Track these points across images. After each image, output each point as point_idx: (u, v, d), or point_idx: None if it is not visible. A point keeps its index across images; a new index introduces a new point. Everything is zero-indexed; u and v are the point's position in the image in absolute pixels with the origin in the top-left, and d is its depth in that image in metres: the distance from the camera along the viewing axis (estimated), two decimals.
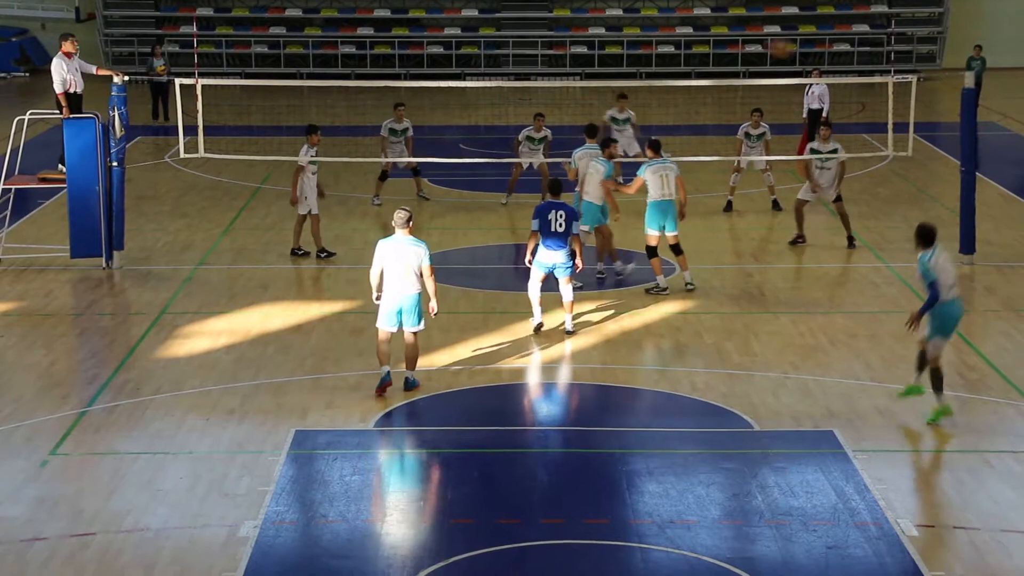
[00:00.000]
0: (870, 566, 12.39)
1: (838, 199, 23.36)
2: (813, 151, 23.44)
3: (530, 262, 18.73)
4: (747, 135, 25.91)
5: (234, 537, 12.89)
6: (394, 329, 16.47)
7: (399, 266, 16.35)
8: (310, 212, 22.66)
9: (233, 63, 45.28)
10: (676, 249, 20.82)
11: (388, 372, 16.48)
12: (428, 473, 14.61)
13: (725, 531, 13.13)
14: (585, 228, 20.58)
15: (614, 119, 27.43)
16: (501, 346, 18.43)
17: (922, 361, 15.80)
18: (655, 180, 20.57)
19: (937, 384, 15.61)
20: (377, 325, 16.50)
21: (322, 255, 22.67)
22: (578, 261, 18.83)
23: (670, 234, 20.66)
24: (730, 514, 13.51)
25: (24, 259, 22.56)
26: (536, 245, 18.66)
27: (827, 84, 30.27)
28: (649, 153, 21.04)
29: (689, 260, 21.82)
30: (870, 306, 20.27)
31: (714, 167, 28.95)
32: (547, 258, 18.67)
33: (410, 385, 16.65)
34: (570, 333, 18.78)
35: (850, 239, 23.30)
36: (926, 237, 15.58)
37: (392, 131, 26.62)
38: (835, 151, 23.43)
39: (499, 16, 46.35)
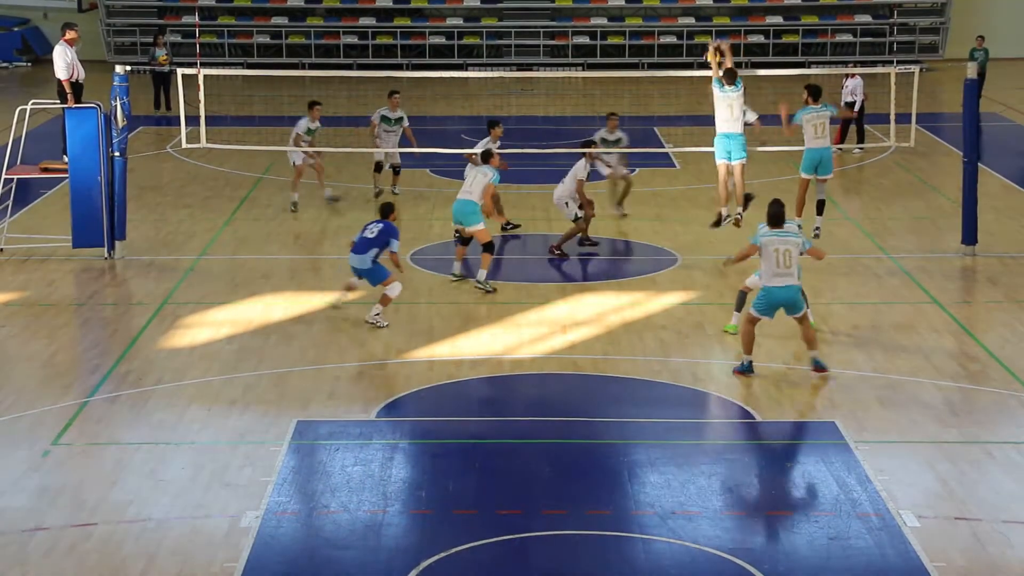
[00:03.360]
0: (872, 557, 12.40)
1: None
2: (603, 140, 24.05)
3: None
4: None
5: (236, 528, 12.90)
6: (761, 316, 16.68)
7: (780, 256, 16.60)
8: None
9: (235, 53, 45.24)
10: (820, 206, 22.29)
11: (750, 362, 16.89)
12: (429, 464, 14.61)
13: (727, 522, 13.14)
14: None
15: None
16: (502, 336, 18.42)
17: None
18: (808, 128, 21.57)
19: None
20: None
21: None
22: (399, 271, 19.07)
23: (825, 176, 21.94)
24: (732, 505, 13.52)
25: (26, 249, 22.55)
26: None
27: (861, 77, 30.47)
28: (808, 100, 21.77)
29: (691, 251, 21.89)
30: (872, 297, 20.27)
31: None
32: (352, 260, 18.91)
33: (819, 366, 16.79)
34: (373, 323, 18.80)
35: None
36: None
37: (385, 119, 26.27)
38: (619, 140, 24.16)
39: (501, 6, 46.31)
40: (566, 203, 22.81)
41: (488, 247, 20.59)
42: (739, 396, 16.25)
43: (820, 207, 22.16)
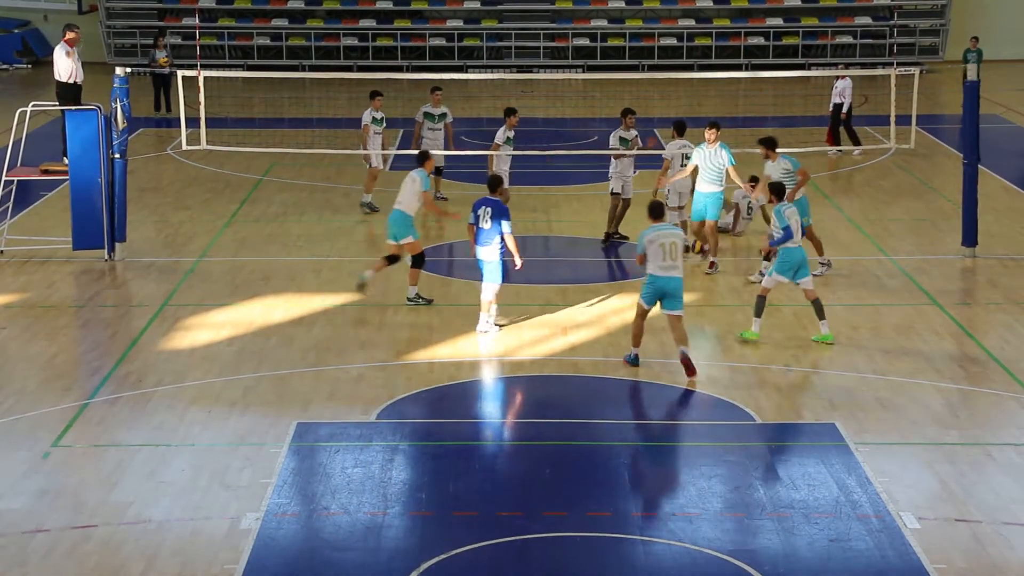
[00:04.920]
0: (872, 559, 12.40)
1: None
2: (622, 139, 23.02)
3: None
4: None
5: (236, 529, 12.90)
6: (648, 307, 17.17)
7: (667, 249, 16.98)
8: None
9: (235, 55, 45.24)
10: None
11: (636, 355, 17.33)
12: (430, 465, 14.61)
13: (727, 523, 13.14)
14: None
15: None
16: (503, 338, 18.41)
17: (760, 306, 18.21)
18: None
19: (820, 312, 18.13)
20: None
21: None
22: (516, 259, 18.38)
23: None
24: (732, 507, 13.52)
25: (26, 251, 22.55)
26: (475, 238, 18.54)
27: (850, 78, 30.46)
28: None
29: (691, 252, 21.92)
30: (872, 299, 20.27)
31: None
32: (476, 253, 18.54)
33: (685, 356, 16.94)
34: (484, 332, 18.46)
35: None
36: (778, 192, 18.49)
37: (428, 116, 25.56)
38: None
39: (501, 8, 46.31)
40: (610, 176, 23.06)
41: (417, 261, 19.65)
42: (739, 398, 16.24)
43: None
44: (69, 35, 24.19)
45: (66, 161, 22.45)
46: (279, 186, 27.82)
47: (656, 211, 17.37)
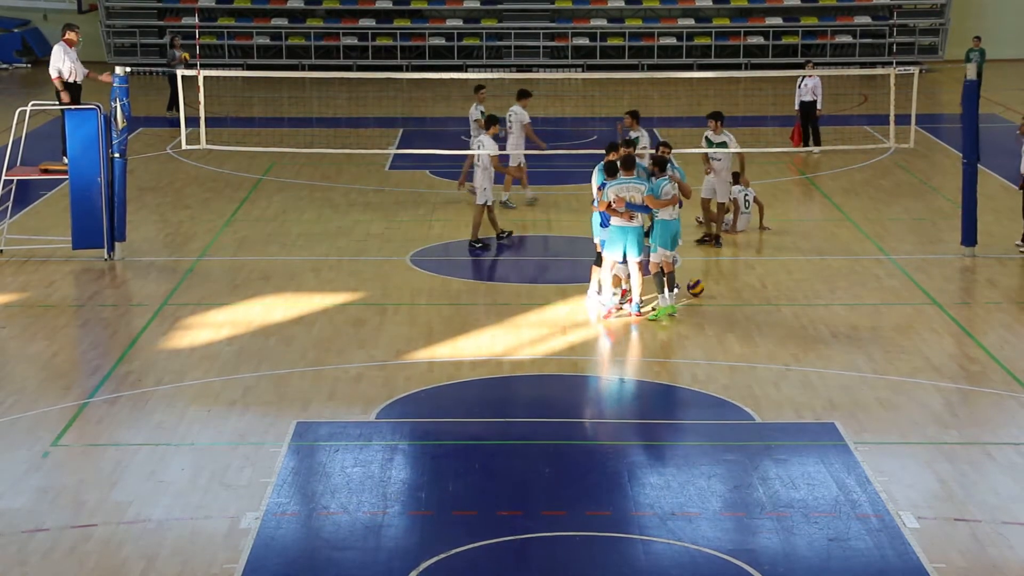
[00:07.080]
0: (871, 558, 12.40)
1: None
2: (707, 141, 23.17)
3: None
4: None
5: (236, 529, 12.91)
6: (620, 259, 18.64)
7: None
8: (487, 202, 22.87)
9: (235, 54, 45.24)
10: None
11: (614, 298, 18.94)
12: (429, 465, 14.61)
13: (726, 523, 13.15)
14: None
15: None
16: (502, 338, 18.42)
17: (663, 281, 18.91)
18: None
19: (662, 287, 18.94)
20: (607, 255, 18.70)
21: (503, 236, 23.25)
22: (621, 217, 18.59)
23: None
24: (731, 506, 13.53)
25: (26, 250, 22.55)
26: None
27: (820, 76, 30.40)
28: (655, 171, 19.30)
29: (690, 252, 21.88)
30: (872, 298, 20.27)
31: None
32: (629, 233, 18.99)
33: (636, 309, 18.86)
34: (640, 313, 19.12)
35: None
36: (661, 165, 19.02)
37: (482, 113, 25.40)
38: (723, 143, 23.08)
39: (501, 7, 46.31)
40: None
41: (596, 259, 19.34)
42: (739, 397, 16.25)
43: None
44: (69, 35, 24.20)
45: (66, 160, 22.45)
46: (279, 185, 27.81)
47: (627, 164, 18.69)
